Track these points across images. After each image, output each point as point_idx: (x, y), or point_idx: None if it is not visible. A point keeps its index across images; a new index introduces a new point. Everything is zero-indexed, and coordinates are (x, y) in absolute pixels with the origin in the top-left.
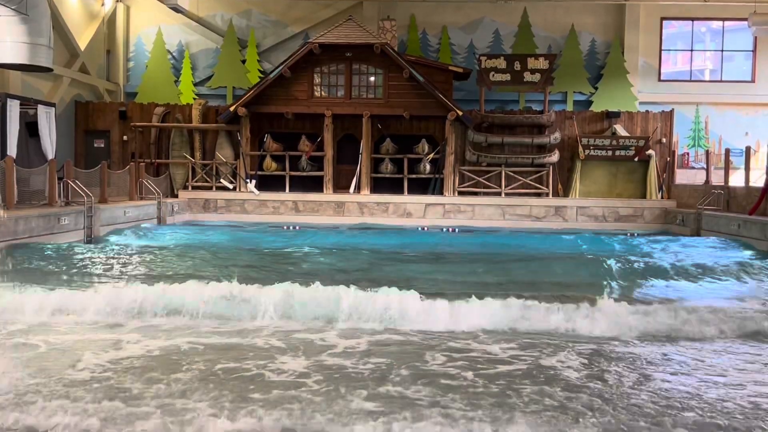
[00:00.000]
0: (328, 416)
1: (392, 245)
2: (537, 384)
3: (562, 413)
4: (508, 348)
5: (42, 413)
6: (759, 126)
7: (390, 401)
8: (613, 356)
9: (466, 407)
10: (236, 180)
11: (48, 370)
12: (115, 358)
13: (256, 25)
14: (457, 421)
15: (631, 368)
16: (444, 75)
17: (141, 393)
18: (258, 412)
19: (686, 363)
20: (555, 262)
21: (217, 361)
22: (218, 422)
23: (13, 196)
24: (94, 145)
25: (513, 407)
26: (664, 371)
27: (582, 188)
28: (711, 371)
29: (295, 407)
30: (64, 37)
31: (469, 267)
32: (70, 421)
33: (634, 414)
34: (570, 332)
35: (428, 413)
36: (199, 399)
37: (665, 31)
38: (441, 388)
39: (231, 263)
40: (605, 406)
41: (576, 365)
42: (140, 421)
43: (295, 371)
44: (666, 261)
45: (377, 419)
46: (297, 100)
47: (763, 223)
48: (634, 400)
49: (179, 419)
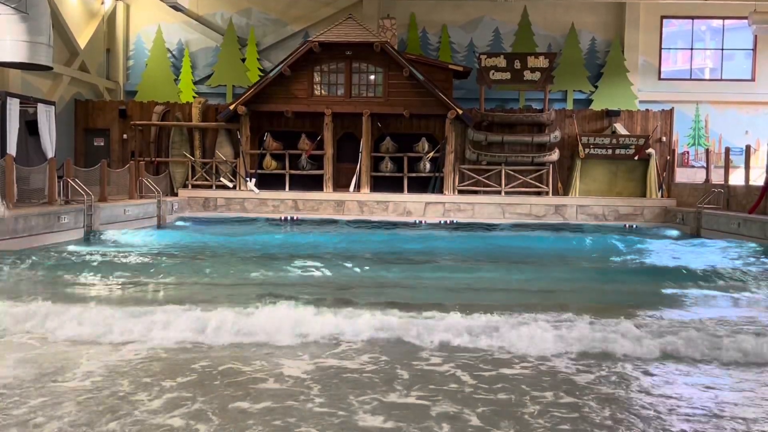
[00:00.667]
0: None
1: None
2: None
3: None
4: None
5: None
6: (759, 124)
7: None
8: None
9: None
10: (236, 178)
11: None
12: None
13: (256, 23)
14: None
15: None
16: (444, 73)
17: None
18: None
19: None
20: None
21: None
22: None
23: (13, 195)
24: (94, 144)
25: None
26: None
27: (582, 187)
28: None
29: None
30: (64, 36)
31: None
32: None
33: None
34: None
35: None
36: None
37: (665, 30)
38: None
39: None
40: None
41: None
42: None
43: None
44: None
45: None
46: (297, 99)
47: (763, 222)
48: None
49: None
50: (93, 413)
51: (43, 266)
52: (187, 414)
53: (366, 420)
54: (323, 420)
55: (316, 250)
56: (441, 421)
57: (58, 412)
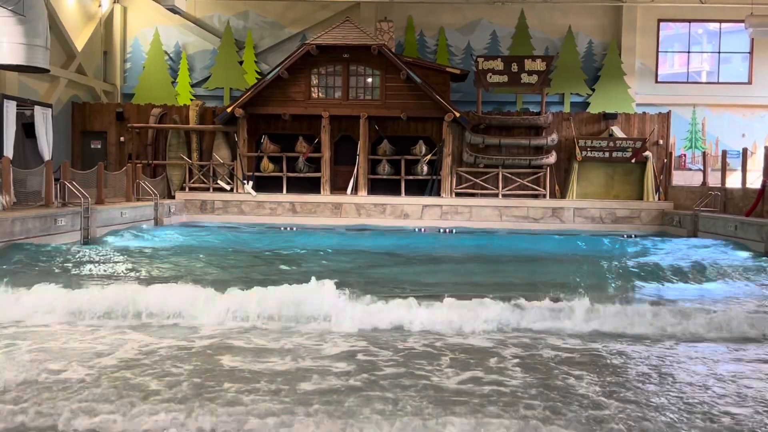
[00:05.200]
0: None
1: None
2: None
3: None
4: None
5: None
6: (756, 127)
7: None
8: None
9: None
10: (233, 181)
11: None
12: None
13: (254, 26)
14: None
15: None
16: (441, 76)
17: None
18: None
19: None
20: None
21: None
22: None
23: (10, 197)
24: (91, 146)
25: None
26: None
27: (579, 190)
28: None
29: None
30: (61, 38)
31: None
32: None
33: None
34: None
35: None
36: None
37: (662, 33)
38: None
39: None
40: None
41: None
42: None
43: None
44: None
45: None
46: (294, 102)
47: (759, 225)
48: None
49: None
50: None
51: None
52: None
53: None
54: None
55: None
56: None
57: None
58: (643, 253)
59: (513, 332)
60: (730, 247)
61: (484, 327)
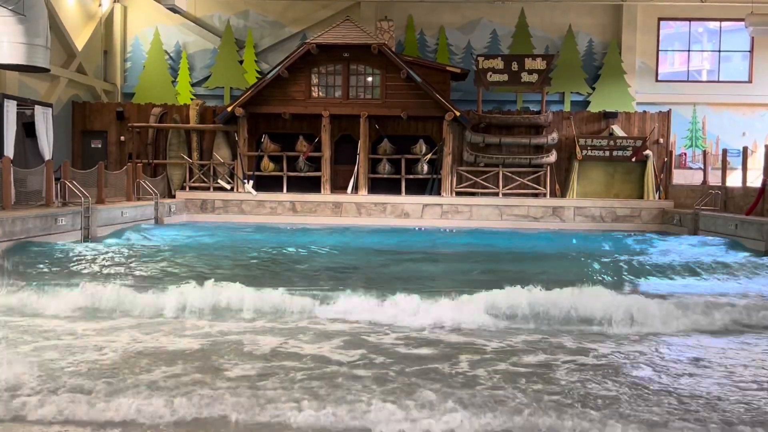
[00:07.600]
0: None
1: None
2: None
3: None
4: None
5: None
6: (756, 126)
7: None
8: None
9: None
10: (234, 180)
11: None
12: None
13: (254, 25)
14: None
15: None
16: (441, 75)
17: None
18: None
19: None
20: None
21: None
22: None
23: (10, 197)
24: (91, 146)
25: None
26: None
27: (579, 189)
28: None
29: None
30: (61, 38)
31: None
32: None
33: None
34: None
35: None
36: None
37: (662, 32)
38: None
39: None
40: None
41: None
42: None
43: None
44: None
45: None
46: (294, 101)
47: (760, 224)
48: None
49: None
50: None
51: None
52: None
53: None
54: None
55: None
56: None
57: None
58: (641, 252)
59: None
60: (730, 246)
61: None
